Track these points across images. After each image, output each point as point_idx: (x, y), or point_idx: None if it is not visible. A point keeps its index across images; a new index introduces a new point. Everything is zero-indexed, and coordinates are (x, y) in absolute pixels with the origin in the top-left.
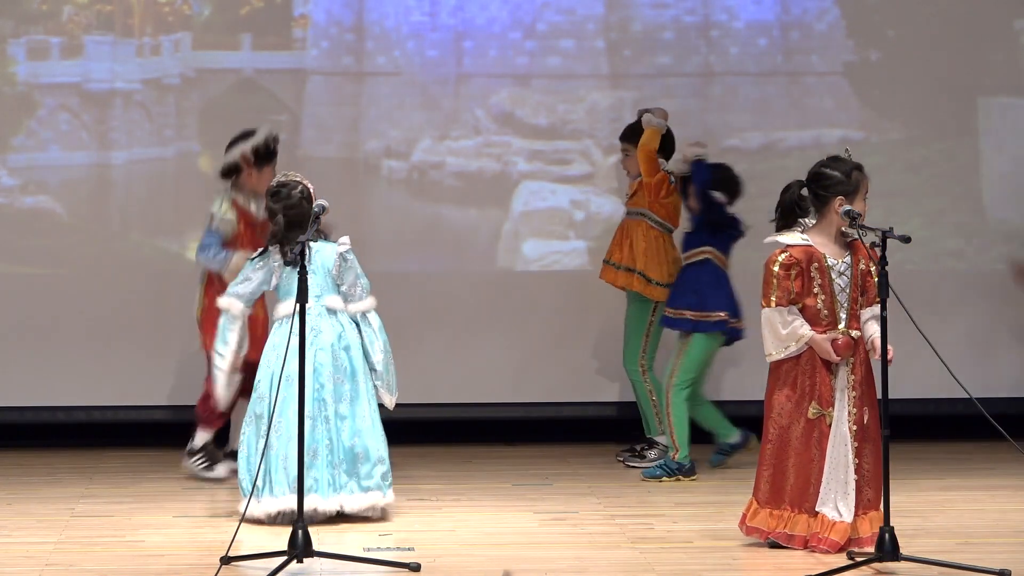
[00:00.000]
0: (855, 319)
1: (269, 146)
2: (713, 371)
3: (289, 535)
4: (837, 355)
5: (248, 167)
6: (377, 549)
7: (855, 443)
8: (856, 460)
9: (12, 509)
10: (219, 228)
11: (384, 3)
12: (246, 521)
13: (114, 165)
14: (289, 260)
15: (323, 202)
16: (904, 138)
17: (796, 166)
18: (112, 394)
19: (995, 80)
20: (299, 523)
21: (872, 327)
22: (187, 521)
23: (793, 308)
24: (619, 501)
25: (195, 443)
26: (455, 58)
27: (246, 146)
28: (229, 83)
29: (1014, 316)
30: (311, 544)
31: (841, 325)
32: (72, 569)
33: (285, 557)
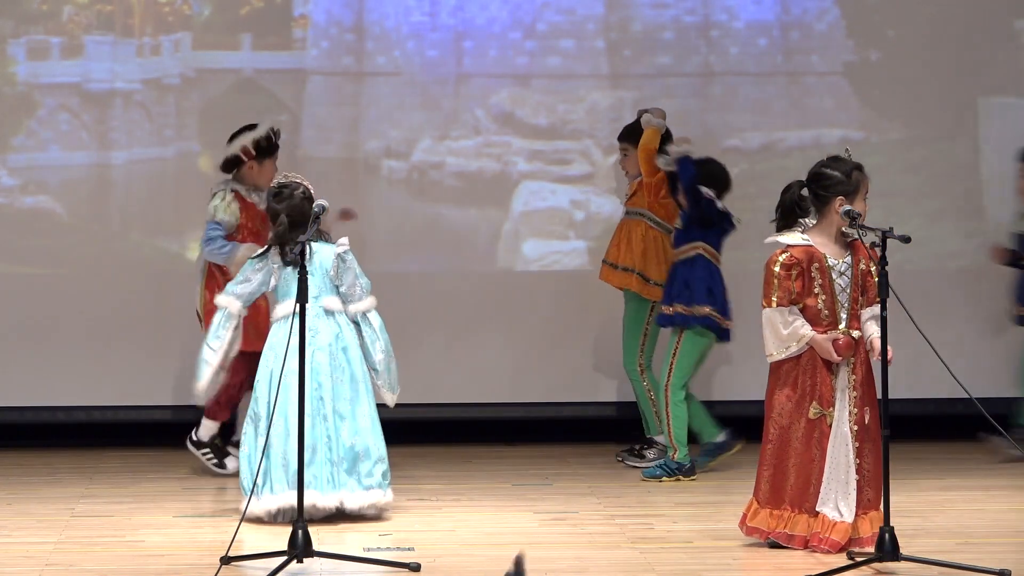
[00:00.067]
0: (855, 319)
1: (271, 140)
2: (706, 369)
3: (289, 535)
4: (838, 355)
5: (249, 160)
6: (377, 549)
7: (856, 443)
8: (857, 460)
9: (12, 509)
10: (223, 220)
11: (384, 3)
12: (246, 520)
13: (114, 165)
14: (289, 260)
15: (323, 202)
16: (904, 138)
17: (796, 166)
18: (112, 394)
19: (995, 80)
20: (299, 523)
21: (872, 327)
22: (187, 521)
23: (794, 308)
24: (619, 501)
25: (200, 435)
26: (455, 58)
27: (247, 139)
28: (229, 83)
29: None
30: (311, 544)
31: (842, 325)
32: (72, 569)
33: (285, 557)
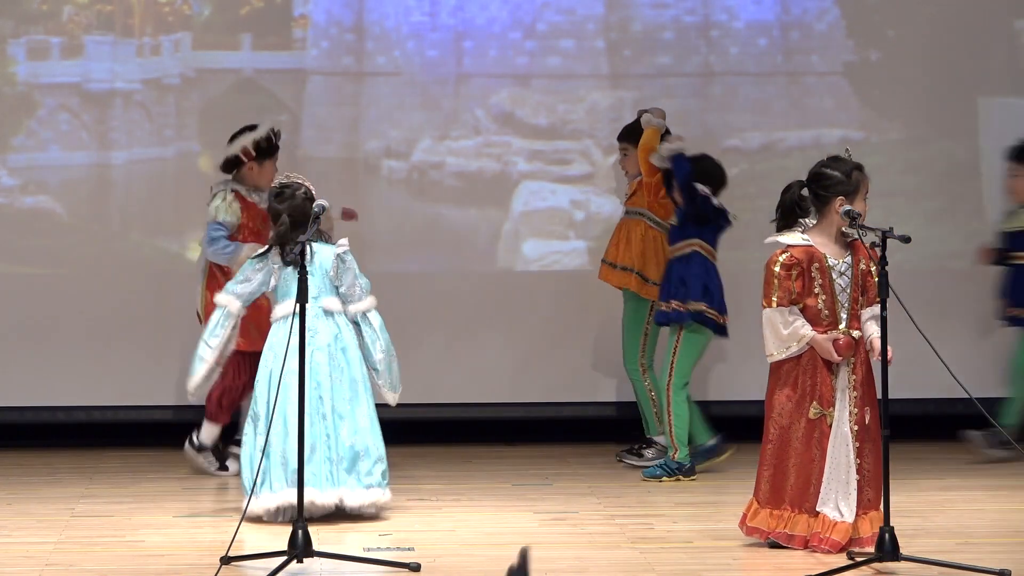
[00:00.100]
0: (856, 319)
1: (271, 141)
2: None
3: (289, 535)
4: (838, 355)
5: (249, 161)
6: (377, 549)
7: (856, 443)
8: (857, 460)
9: (12, 509)
10: (225, 220)
11: (384, 3)
12: (246, 520)
13: (114, 165)
14: (289, 260)
15: (323, 202)
16: (904, 138)
17: (796, 166)
18: (112, 394)
19: (995, 80)
20: (299, 522)
21: (872, 327)
22: (187, 521)
23: (794, 308)
24: (619, 501)
25: (202, 438)
26: (455, 58)
27: (248, 140)
28: (229, 83)
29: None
30: (311, 544)
31: (842, 325)
32: (72, 569)
33: (285, 557)
